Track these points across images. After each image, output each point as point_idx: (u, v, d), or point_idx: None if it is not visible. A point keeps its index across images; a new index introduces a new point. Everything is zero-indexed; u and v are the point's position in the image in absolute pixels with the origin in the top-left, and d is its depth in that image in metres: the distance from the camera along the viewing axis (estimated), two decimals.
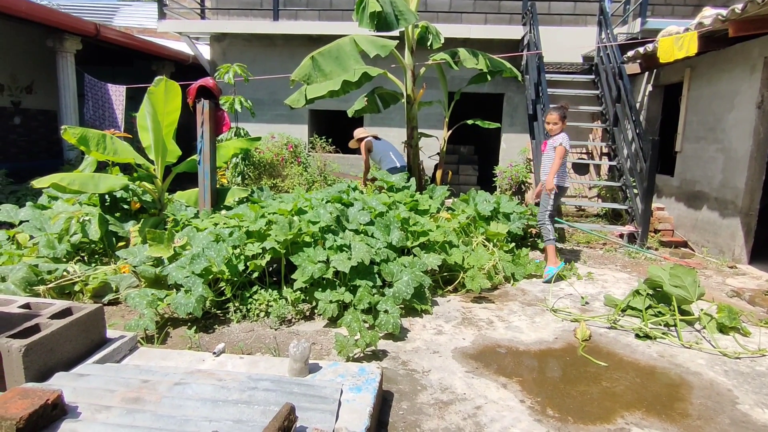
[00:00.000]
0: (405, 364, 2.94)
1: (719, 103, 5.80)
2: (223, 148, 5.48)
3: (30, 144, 9.75)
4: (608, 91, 7.26)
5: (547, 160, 4.78)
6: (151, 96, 4.58)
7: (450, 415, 2.43)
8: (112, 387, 2.06)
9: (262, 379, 2.19)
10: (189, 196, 5.11)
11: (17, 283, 3.46)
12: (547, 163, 4.77)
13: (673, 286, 3.56)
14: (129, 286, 3.77)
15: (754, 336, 3.44)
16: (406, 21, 5.31)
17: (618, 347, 3.24)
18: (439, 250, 4.30)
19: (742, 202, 5.28)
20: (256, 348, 3.09)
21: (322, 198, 4.68)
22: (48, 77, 9.32)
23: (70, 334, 2.34)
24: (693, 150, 6.33)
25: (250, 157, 8.20)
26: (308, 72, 5.31)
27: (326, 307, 3.40)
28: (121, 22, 12.67)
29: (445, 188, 5.87)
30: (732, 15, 4.72)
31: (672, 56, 5.80)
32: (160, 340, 3.13)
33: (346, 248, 3.70)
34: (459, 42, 8.38)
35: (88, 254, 4.43)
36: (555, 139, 4.69)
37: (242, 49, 9.62)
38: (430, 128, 8.65)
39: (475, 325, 3.54)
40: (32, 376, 2.12)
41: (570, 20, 9.20)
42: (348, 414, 2.04)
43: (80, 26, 8.11)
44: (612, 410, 2.52)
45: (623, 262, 5.35)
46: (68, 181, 4.23)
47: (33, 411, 1.72)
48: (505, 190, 8.67)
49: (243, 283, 3.71)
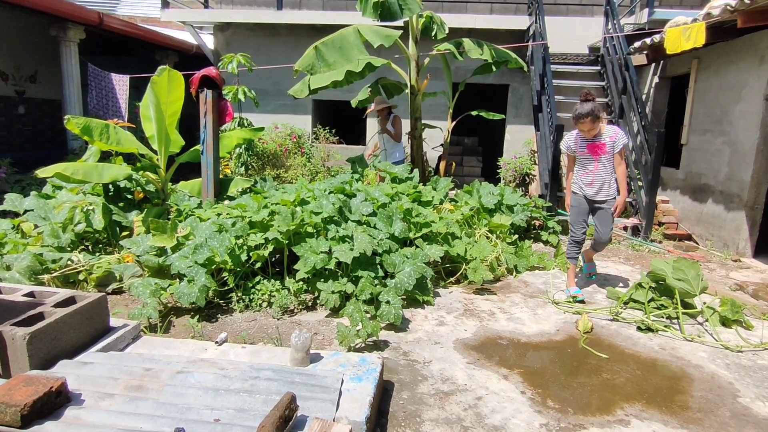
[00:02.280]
0: (406, 354, 2.95)
1: (726, 95, 5.74)
2: (226, 139, 5.47)
3: (34, 133, 9.76)
4: (614, 82, 7.19)
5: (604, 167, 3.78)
6: (155, 86, 4.57)
7: (450, 406, 2.44)
8: (116, 375, 2.08)
9: (264, 368, 2.20)
10: (192, 186, 5.12)
11: (22, 272, 3.49)
12: (604, 171, 3.78)
13: (676, 279, 3.55)
14: (132, 276, 3.79)
15: (756, 329, 3.43)
16: (410, 11, 5.26)
17: (619, 339, 3.24)
18: (442, 242, 4.30)
19: (747, 196, 5.24)
20: (259, 338, 3.11)
21: (325, 189, 4.67)
22: (52, 67, 9.31)
23: (74, 323, 2.36)
24: (699, 142, 6.28)
25: (253, 147, 8.19)
26: (312, 62, 5.29)
27: (328, 298, 3.41)
28: (125, 11, 12.60)
29: (449, 180, 5.84)
30: (741, 5, 4.65)
31: (679, 47, 5.73)
32: (163, 329, 3.16)
33: (349, 239, 3.70)
34: (464, 32, 8.31)
35: (92, 243, 4.45)
36: (616, 136, 3.71)
37: (246, 39, 9.57)
38: (434, 119, 8.61)
39: (477, 317, 3.55)
40: (36, 364, 2.14)
41: (576, 10, 9.09)
42: (348, 403, 2.05)
43: (83, 15, 8.08)
44: (612, 402, 2.52)
45: (626, 255, 5.34)
46: (72, 170, 4.24)
47: (37, 398, 1.74)
48: (509, 182, 8.64)
49: (246, 273, 3.72)
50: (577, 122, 3.71)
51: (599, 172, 3.80)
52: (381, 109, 6.35)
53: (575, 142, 3.88)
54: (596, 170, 3.81)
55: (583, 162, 3.88)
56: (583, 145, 3.82)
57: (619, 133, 3.75)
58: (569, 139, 3.94)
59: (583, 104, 3.65)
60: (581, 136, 3.82)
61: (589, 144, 3.79)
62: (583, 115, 3.63)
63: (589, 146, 3.79)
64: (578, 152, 3.87)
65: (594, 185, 3.84)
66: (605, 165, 3.80)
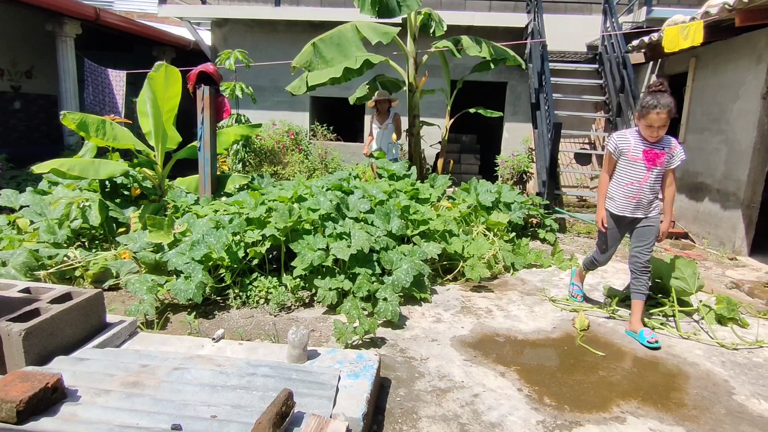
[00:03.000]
0: (403, 351, 2.95)
1: (724, 93, 5.75)
2: (223, 135, 5.45)
3: (30, 129, 9.72)
4: (612, 80, 7.20)
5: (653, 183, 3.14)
6: (152, 81, 4.55)
7: (447, 403, 2.44)
8: (112, 371, 2.07)
9: (261, 365, 2.20)
10: (189, 183, 5.10)
11: (18, 268, 3.47)
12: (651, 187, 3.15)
13: (673, 277, 3.56)
14: (129, 272, 3.78)
15: (752, 327, 3.44)
16: (408, 7, 5.25)
17: (616, 337, 3.25)
18: (439, 239, 4.30)
19: (744, 194, 5.26)
20: (256, 334, 3.10)
21: (323, 185, 4.67)
22: (48, 62, 9.26)
23: (70, 319, 2.35)
24: (696, 141, 6.29)
25: (250, 144, 8.17)
26: (310, 59, 5.28)
27: (325, 295, 3.41)
28: (122, 7, 12.54)
29: (447, 177, 5.85)
30: (739, 4, 4.66)
31: (677, 46, 5.74)
32: (159, 326, 3.15)
33: (346, 236, 3.70)
34: (462, 29, 8.29)
35: (89, 240, 4.44)
36: (676, 148, 3.13)
37: (243, 35, 9.54)
38: (432, 117, 8.60)
39: (474, 314, 3.55)
40: (32, 360, 2.13)
41: (575, 8, 9.09)
42: (345, 400, 2.05)
43: (80, 10, 8.04)
44: (608, 399, 2.53)
45: (623, 253, 5.35)
46: (68, 166, 4.22)
47: (33, 394, 1.73)
48: (506, 180, 8.65)
49: (243, 270, 3.72)
50: (649, 113, 2.99)
51: (646, 187, 3.14)
52: (381, 103, 6.34)
53: (629, 144, 3.16)
54: (645, 182, 3.12)
55: (630, 170, 3.17)
56: (639, 149, 3.12)
57: (680, 147, 3.16)
58: (620, 138, 3.21)
59: (657, 95, 3.00)
60: (640, 136, 3.12)
61: (647, 149, 3.10)
62: (664, 105, 2.95)
63: (646, 152, 3.10)
64: (630, 156, 3.15)
65: (636, 201, 3.18)
66: (655, 180, 3.14)
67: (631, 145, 3.16)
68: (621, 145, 3.20)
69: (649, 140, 3.10)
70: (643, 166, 3.13)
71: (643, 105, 3.04)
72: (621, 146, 3.20)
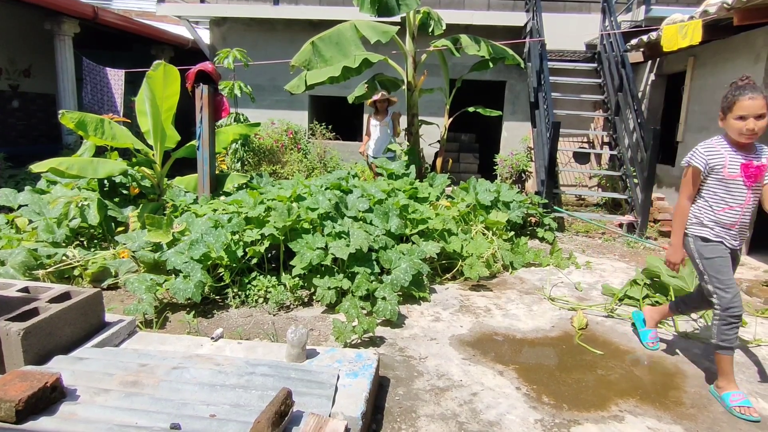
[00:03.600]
0: (402, 350, 2.96)
1: (722, 92, 5.75)
2: (222, 134, 5.45)
3: (29, 128, 9.70)
4: (611, 79, 7.20)
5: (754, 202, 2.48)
6: (150, 80, 4.55)
7: (446, 402, 2.45)
8: (111, 370, 2.08)
9: (260, 364, 2.20)
10: (188, 182, 5.10)
11: (16, 267, 3.47)
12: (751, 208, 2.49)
13: (671, 276, 3.57)
14: (128, 271, 3.78)
15: (750, 326, 3.45)
16: (407, 6, 5.25)
17: (614, 336, 3.26)
18: (438, 238, 4.31)
19: None
20: (255, 333, 3.11)
21: (321, 185, 4.67)
22: (46, 61, 9.24)
23: (69, 318, 2.35)
24: (695, 140, 6.29)
25: (249, 143, 8.16)
26: (308, 57, 5.27)
27: (324, 294, 3.41)
28: (120, 5, 12.51)
29: (446, 176, 5.85)
30: (737, 3, 4.66)
31: (675, 45, 5.75)
32: (158, 325, 3.15)
33: (345, 235, 3.70)
34: (461, 28, 8.29)
35: (87, 239, 4.44)
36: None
37: (242, 34, 9.52)
38: (431, 115, 8.60)
39: (473, 313, 3.56)
40: (31, 359, 2.13)
41: (574, 7, 9.09)
42: (344, 399, 2.06)
43: (78, 9, 8.02)
44: (607, 398, 2.54)
45: (622, 252, 5.36)
46: (67, 165, 4.22)
47: (32, 393, 1.73)
48: (505, 179, 8.65)
49: (242, 269, 3.72)
50: (739, 99, 2.36)
51: (747, 210, 2.46)
52: (380, 101, 6.36)
53: (722, 158, 2.43)
54: (746, 205, 2.45)
55: (726, 192, 2.46)
56: (736, 164, 2.42)
57: None
58: (709, 150, 2.48)
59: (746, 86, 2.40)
60: (732, 147, 2.44)
61: (746, 163, 2.41)
62: (758, 90, 2.35)
63: (744, 166, 2.41)
64: (726, 173, 2.43)
65: (737, 229, 2.50)
66: (755, 198, 2.48)
67: (726, 160, 2.43)
68: (710, 161, 2.46)
69: (743, 145, 2.42)
70: (742, 185, 2.43)
71: (729, 95, 2.44)
72: (712, 162, 2.45)
